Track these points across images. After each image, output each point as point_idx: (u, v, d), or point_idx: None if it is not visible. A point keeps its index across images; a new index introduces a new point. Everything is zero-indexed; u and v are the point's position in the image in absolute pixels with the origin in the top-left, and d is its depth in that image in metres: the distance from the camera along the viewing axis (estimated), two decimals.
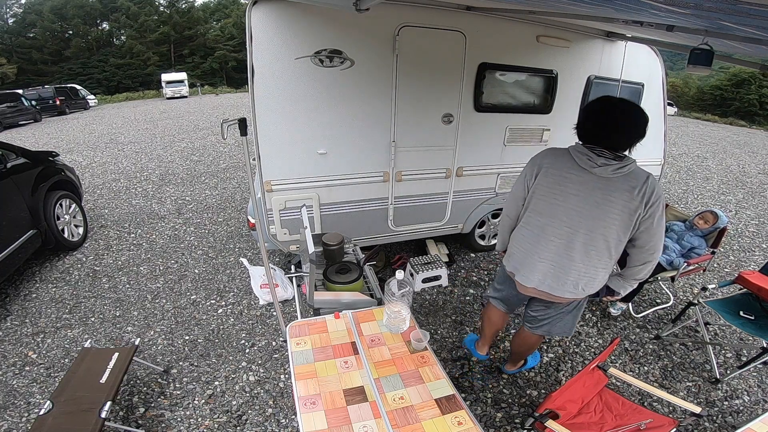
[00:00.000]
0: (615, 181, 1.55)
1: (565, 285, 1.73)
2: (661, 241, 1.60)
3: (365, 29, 2.59)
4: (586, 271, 1.69)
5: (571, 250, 1.67)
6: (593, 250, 1.64)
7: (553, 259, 1.72)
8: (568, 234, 1.66)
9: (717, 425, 2.19)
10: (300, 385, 1.39)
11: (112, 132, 11.77)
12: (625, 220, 1.56)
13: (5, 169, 3.33)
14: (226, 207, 5.24)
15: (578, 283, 1.71)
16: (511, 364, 2.47)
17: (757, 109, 29.95)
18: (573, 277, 1.71)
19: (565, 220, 1.66)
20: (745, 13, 1.16)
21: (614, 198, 1.55)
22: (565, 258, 1.69)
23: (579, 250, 1.66)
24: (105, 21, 42.24)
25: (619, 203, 1.55)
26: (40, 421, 1.73)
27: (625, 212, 1.55)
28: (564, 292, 1.75)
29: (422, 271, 3.27)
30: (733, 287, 3.06)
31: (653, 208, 1.54)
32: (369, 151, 2.92)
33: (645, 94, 3.79)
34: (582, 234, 1.64)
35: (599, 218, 1.59)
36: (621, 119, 1.56)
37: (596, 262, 1.67)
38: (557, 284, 1.74)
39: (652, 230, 1.57)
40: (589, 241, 1.64)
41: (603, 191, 1.57)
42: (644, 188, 1.53)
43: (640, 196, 1.52)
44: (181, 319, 2.98)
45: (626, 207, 1.55)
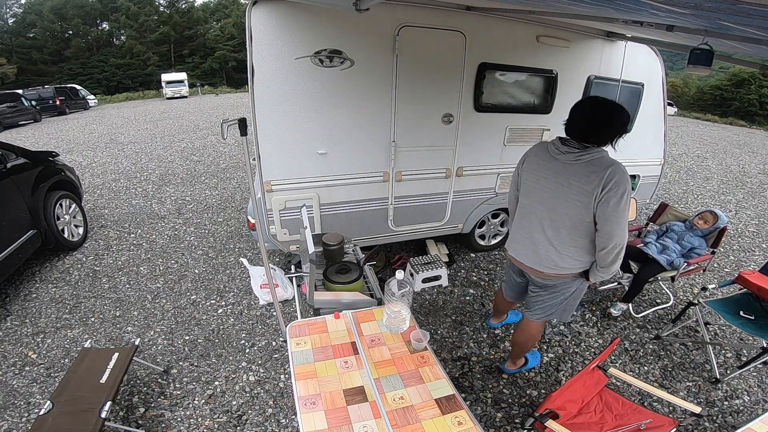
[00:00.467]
0: (576, 166, 1.75)
1: (541, 259, 1.95)
2: (619, 229, 1.70)
3: (365, 29, 2.59)
4: (558, 246, 1.89)
5: (545, 227, 1.91)
6: (561, 227, 1.86)
7: (532, 235, 1.97)
8: (541, 212, 1.92)
9: (717, 425, 2.19)
10: (300, 385, 1.39)
11: (112, 132, 11.77)
12: (584, 202, 1.74)
13: (5, 169, 3.33)
14: (226, 207, 5.24)
15: (551, 257, 1.92)
16: (511, 362, 2.48)
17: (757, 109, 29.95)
18: (546, 252, 1.93)
19: (540, 200, 1.91)
20: (745, 13, 1.16)
21: (574, 181, 1.76)
22: (540, 234, 1.94)
23: (549, 226, 1.89)
24: (105, 21, 42.24)
25: (578, 186, 1.74)
26: (40, 421, 1.73)
27: (583, 194, 1.73)
28: (542, 266, 1.96)
29: (422, 271, 3.27)
30: (733, 287, 3.06)
31: (609, 194, 1.66)
32: (369, 151, 2.92)
33: (645, 94, 3.79)
34: (551, 212, 1.87)
35: (562, 198, 1.81)
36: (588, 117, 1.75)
37: (565, 239, 1.86)
38: (536, 258, 1.98)
39: (607, 214, 1.69)
40: (556, 219, 1.86)
41: (566, 175, 1.78)
42: (603, 174, 1.67)
43: (598, 180, 1.68)
44: (181, 319, 2.98)
45: (584, 189, 1.72)
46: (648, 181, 4.28)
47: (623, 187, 1.66)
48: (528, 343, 2.33)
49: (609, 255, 1.77)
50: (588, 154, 1.72)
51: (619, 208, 1.66)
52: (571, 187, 1.76)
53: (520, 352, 2.43)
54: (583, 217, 1.76)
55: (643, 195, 4.36)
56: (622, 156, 4.22)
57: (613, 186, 1.65)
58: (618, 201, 1.66)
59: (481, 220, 3.69)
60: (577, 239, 1.84)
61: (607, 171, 1.67)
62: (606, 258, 1.79)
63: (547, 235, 1.90)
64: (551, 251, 1.90)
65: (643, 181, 4.23)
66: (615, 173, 1.66)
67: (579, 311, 3.15)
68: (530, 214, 1.98)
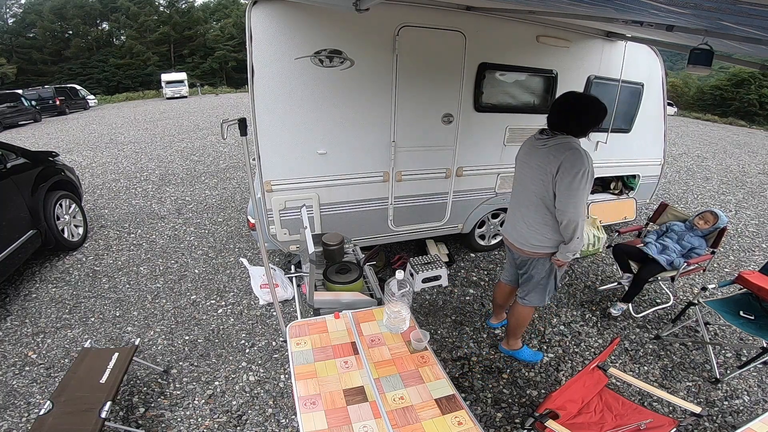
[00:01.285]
0: (543, 150, 1.97)
1: (518, 235, 2.19)
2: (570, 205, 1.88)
3: (365, 29, 2.59)
4: (529, 222, 2.10)
5: (521, 205, 2.15)
6: (530, 204, 2.08)
7: (516, 215, 2.21)
8: (520, 193, 2.16)
9: (717, 425, 2.19)
10: (300, 385, 1.39)
11: (112, 132, 11.77)
12: (545, 180, 1.95)
13: (5, 169, 3.33)
14: (226, 207, 5.24)
15: (524, 234, 2.14)
16: (505, 342, 2.63)
17: (756, 109, 29.93)
18: (521, 228, 2.16)
19: (521, 183, 2.16)
20: (745, 13, 1.16)
21: (539, 162, 1.98)
22: (518, 212, 2.18)
23: (523, 204, 2.13)
24: (105, 21, 42.20)
25: (542, 166, 1.96)
26: (40, 421, 1.73)
27: (544, 173, 1.94)
28: (518, 243, 2.20)
29: (422, 271, 3.27)
30: (733, 287, 3.06)
31: (563, 173, 1.85)
32: (369, 151, 2.92)
33: (645, 94, 3.79)
34: (525, 192, 2.11)
35: (532, 177, 2.03)
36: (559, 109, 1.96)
37: (534, 215, 2.07)
38: (516, 235, 2.21)
39: (560, 192, 1.89)
40: (528, 197, 2.09)
41: (536, 158, 2.01)
42: (562, 156, 1.86)
43: (556, 161, 1.88)
44: (181, 319, 2.98)
45: (545, 169, 1.94)
46: (648, 181, 4.28)
47: (577, 167, 1.83)
48: (517, 325, 2.48)
49: (566, 231, 1.96)
50: (554, 140, 1.94)
51: (572, 187, 1.84)
52: (538, 169, 1.98)
53: (512, 334, 2.57)
54: (546, 194, 1.97)
55: (643, 195, 4.36)
56: (622, 156, 4.25)
57: (568, 166, 1.84)
58: (571, 180, 1.84)
59: (481, 220, 3.69)
60: (544, 216, 2.04)
61: (565, 153, 1.86)
62: (565, 233, 1.98)
63: (522, 212, 2.15)
64: (524, 228, 2.14)
65: (643, 181, 4.23)
66: (572, 155, 1.85)
67: (579, 311, 3.15)
68: (515, 196, 2.24)
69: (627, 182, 4.34)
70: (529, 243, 2.13)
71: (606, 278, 3.65)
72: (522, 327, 2.50)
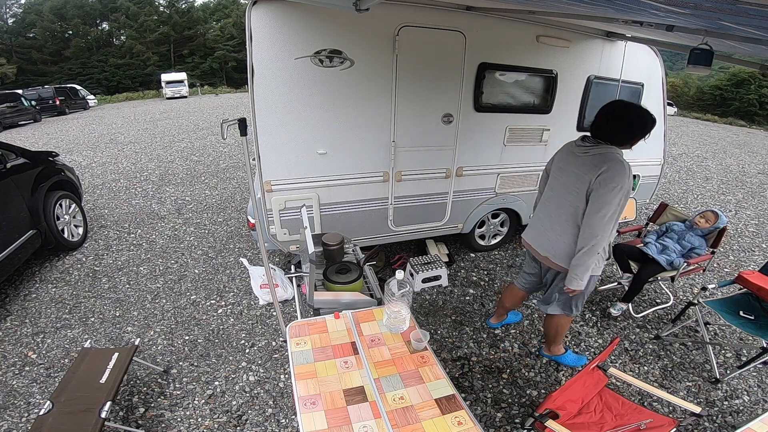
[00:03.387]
0: (584, 158, 1.89)
1: (545, 244, 2.11)
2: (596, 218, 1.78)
3: (365, 29, 2.58)
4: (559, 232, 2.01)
5: (551, 212, 2.08)
6: (563, 214, 1.99)
7: (543, 221, 2.14)
8: (552, 199, 2.08)
9: (717, 425, 2.19)
10: (300, 385, 1.39)
11: (112, 132, 11.77)
12: (580, 189, 1.87)
13: (5, 169, 3.33)
14: (226, 207, 5.24)
15: (552, 242, 2.06)
16: (546, 348, 2.60)
17: (756, 109, 29.94)
18: (550, 237, 2.08)
19: (554, 188, 2.08)
20: (744, 13, 1.16)
21: (580, 171, 1.88)
22: (547, 219, 2.10)
23: (554, 212, 2.05)
24: (105, 21, 42.21)
25: (582, 175, 1.87)
26: (40, 421, 1.73)
27: (580, 182, 1.86)
28: (545, 251, 2.11)
29: (422, 271, 3.27)
30: (733, 287, 3.06)
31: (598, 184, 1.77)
32: (369, 151, 2.92)
33: (645, 94, 3.79)
34: (558, 199, 2.03)
35: (569, 185, 1.95)
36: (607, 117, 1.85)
37: (565, 225, 1.98)
38: (543, 243, 2.13)
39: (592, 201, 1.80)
40: (560, 205, 2.01)
41: (576, 166, 1.92)
42: (602, 168, 1.77)
43: (595, 171, 1.79)
44: (181, 319, 2.98)
45: (583, 177, 1.85)
46: (648, 181, 4.28)
47: (616, 181, 1.73)
48: (556, 333, 2.43)
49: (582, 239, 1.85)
50: (596, 149, 1.84)
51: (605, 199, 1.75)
52: (575, 176, 1.90)
53: (553, 341, 2.51)
54: (580, 205, 1.88)
55: (642, 195, 4.36)
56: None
57: (607, 178, 1.74)
58: (606, 192, 1.74)
59: (481, 220, 3.69)
60: (571, 227, 1.95)
61: (606, 164, 1.77)
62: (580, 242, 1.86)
63: (552, 221, 2.06)
64: (554, 238, 2.04)
65: (643, 181, 4.23)
66: (614, 170, 1.74)
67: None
68: (545, 202, 2.15)
69: None
70: (559, 255, 2.01)
71: (606, 278, 3.65)
72: (562, 334, 2.43)
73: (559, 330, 2.40)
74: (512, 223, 3.94)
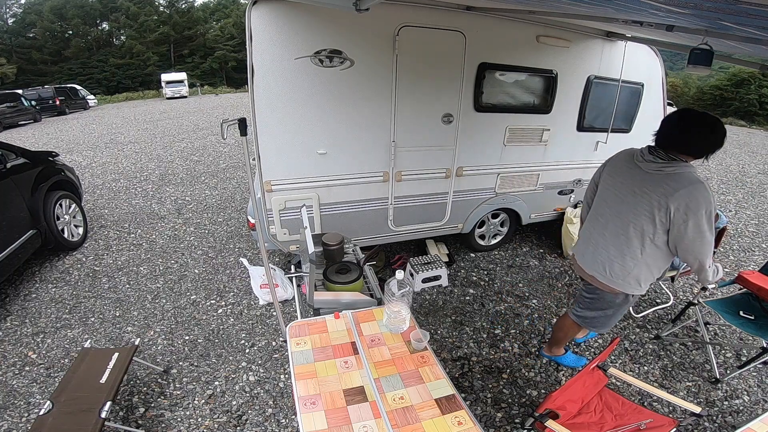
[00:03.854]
0: (657, 177, 1.68)
1: (596, 264, 1.96)
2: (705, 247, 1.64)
3: (365, 29, 2.58)
4: (616, 255, 1.87)
5: (606, 230, 1.91)
6: (622, 235, 1.83)
7: (593, 237, 1.99)
8: (608, 215, 1.91)
9: (717, 425, 2.19)
10: (300, 385, 1.39)
11: (112, 132, 11.77)
12: (654, 215, 1.68)
13: (5, 169, 3.33)
14: (226, 207, 5.24)
15: (606, 265, 1.91)
16: (548, 348, 2.56)
17: (756, 109, 29.91)
18: (603, 258, 1.92)
19: (611, 204, 1.90)
20: (745, 13, 1.16)
21: (649, 191, 1.69)
22: (601, 237, 1.94)
23: (612, 231, 1.88)
24: (105, 21, 42.19)
25: (653, 198, 1.67)
26: (40, 421, 1.73)
27: (655, 207, 1.67)
28: (594, 271, 1.96)
29: (422, 271, 3.27)
30: (733, 287, 3.06)
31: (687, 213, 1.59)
32: (369, 151, 2.92)
33: (645, 94, 3.79)
34: (617, 218, 1.85)
35: (632, 205, 1.77)
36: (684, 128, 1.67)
37: (624, 248, 1.83)
38: (591, 261, 1.99)
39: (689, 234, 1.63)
40: (620, 225, 1.83)
41: (643, 183, 1.73)
42: (684, 190, 1.59)
43: (675, 194, 1.61)
44: (181, 319, 2.98)
45: (658, 202, 1.66)
46: None
47: (704, 205, 1.57)
48: (564, 336, 2.39)
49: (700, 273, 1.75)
50: (671, 167, 1.65)
51: (702, 228, 1.60)
52: (645, 197, 1.70)
53: (557, 342, 2.47)
54: (649, 230, 1.72)
55: None
56: None
57: (694, 205, 1.57)
58: (699, 220, 1.58)
59: (481, 220, 3.69)
60: (635, 251, 1.80)
61: (688, 187, 1.58)
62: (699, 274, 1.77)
63: (606, 238, 1.89)
64: (608, 259, 1.89)
65: None
66: (696, 190, 1.57)
67: None
68: (597, 218, 1.98)
69: None
70: (608, 274, 1.90)
71: None
72: (568, 339, 2.43)
73: (569, 334, 2.38)
74: (512, 223, 3.94)
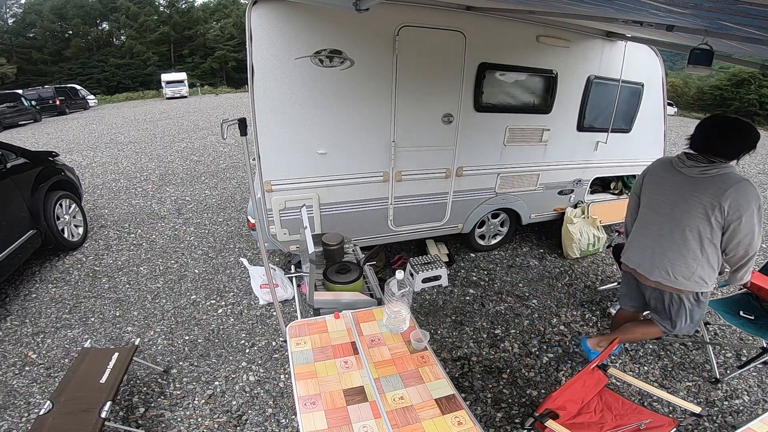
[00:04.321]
0: (703, 180, 1.80)
1: (658, 270, 2.00)
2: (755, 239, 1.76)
3: (365, 29, 2.58)
4: (676, 258, 1.93)
5: (663, 238, 1.98)
6: (679, 238, 1.91)
7: (649, 245, 2.04)
8: (661, 223, 1.98)
9: (717, 425, 2.19)
10: (300, 385, 1.39)
11: (112, 132, 11.77)
12: (707, 217, 1.79)
13: (5, 169, 3.33)
14: (226, 207, 5.24)
15: (668, 269, 1.96)
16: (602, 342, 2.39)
17: (756, 109, 29.95)
18: (663, 262, 1.98)
19: (661, 211, 1.98)
20: (745, 13, 1.16)
21: (699, 194, 1.80)
22: (658, 244, 2.00)
23: (667, 237, 1.95)
24: (105, 21, 42.27)
25: (704, 200, 1.78)
26: (40, 421, 1.73)
27: (708, 208, 1.77)
28: (658, 276, 2.01)
29: (422, 271, 3.27)
30: (733, 287, 3.06)
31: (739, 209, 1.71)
32: (369, 151, 2.92)
33: (645, 94, 3.79)
34: (671, 223, 1.93)
35: (685, 210, 1.86)
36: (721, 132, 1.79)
37: (683, 250, 1.91)
38: (650, 267, 2.04)
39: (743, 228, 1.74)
40: (676, 230, 1.91)
41: (690, 187, 1.83)
42: (731, 188, 1.71)
43: (724, 193, 1.72)
44: (181, 319, 2.98)
45: (710, 203, 1.76)
46: None
47: (755, 200, 1.71)
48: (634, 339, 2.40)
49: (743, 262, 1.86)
50: (715, 169, 1.77)
51: (754, 221, 1.73)
52: (695, 200, 1.81)
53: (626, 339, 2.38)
54: (706, 231, 1.82)
55: None
56: (623, 156, 4.24)
57: (744, 201, 1.70)
58: (752, 214, 1.71)
59: (481, 220, 3.69)
60: (695, 252, 1.88)
61: (735, 185, 1.71)
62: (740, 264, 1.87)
63: (663, 244, 1.97)
64: (670, 262, 1.95)
65: None
66: (744, 187, 1.71)
67: (579, 311, 3.15)
68: (650, 224, 2.05)
69: (627, 182, 4.34)
70: (673, 277, 1.96)
71: (606, 278, 3.65)
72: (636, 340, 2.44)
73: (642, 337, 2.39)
74: (512, 223, 3.94)
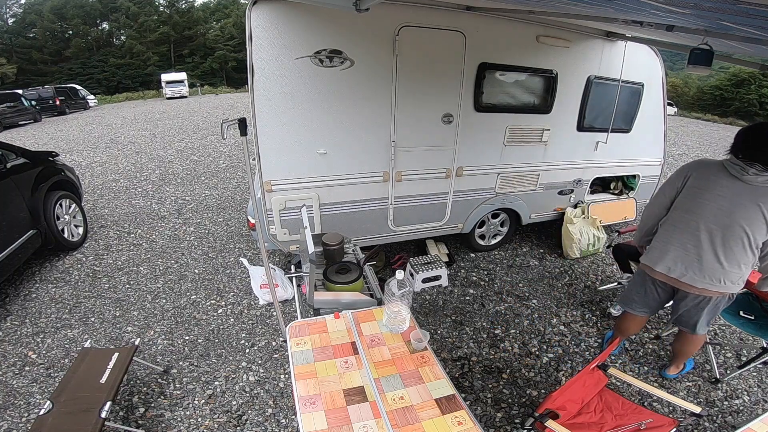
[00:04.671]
0: (765, 189, 1.79)
1: (705, 277, 1.96)
2: None
3: (365, 29, 2.58)
4: (728, 264, 1.91)
5: (713, 244, 1.92)
6: (735, 245, 1.87)
7: (692, 250, 1.98)
8: (709, 228, 1.92)
9: (717, 425, 2.19)
10: (300, 385, 1.39)
11: (112, 132, 11.77)
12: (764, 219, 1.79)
13: (5, 169, 3.33)
14: (226, 207, 5.24)
15: (721, 276, 1.94)
16: (675, 368, 2.50)
17: (756, 109, 29.96)
18: (715, 270, 1.94)
19: (711, 217, 1.91)
20: (745, 13, 1.16)
21: (757, 199, 1.79)
22: (704, 250, 1.94)
23: (722, 245, 1.90)
24: (105, 21, 42.27)
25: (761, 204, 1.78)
26: (40, 421, 1.73)
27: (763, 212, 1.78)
28: (705, 284, 1.97)
29: (422, 271, 3.27)
30: None
31: None
32: (369, 151, 2.92)
33: (645, 94, 3.79)
34: (724, 230, 1.88)
35: (743, 218, 1.83)
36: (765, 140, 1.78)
37: (741, 258, 1.89)
38: (698, 276, 1.98)
39: None
40: (732, 238, 1.87)
41: (751, 196, 1.81)
42: None
43: None
44: (181, 319, 2.98)
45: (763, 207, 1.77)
46: (648, 181, 4.28)
47: None
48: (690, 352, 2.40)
49: None
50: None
51: None
52: (756, 209, 1.80)
53: (682, 358, 2.46)
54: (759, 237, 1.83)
55: (643, 195, 4.36)
56: (623, 156, 4.24)
57: None
58: None
59: (481, 220, 3.69)
60: (744, 256, 1.89)
61: None
62: None
63: (716, 252, 1.92)
64: (717, 268, 1.93)
65: (643, 181, 4.23)
66: None
67: (579, 311, 3.15)
68: (690, 230, 1.98)
69: (627, 182, 4.34)
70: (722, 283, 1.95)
71: (606, 278, 3.65)
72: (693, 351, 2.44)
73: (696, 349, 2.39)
74: (512, 223, 3.94)
